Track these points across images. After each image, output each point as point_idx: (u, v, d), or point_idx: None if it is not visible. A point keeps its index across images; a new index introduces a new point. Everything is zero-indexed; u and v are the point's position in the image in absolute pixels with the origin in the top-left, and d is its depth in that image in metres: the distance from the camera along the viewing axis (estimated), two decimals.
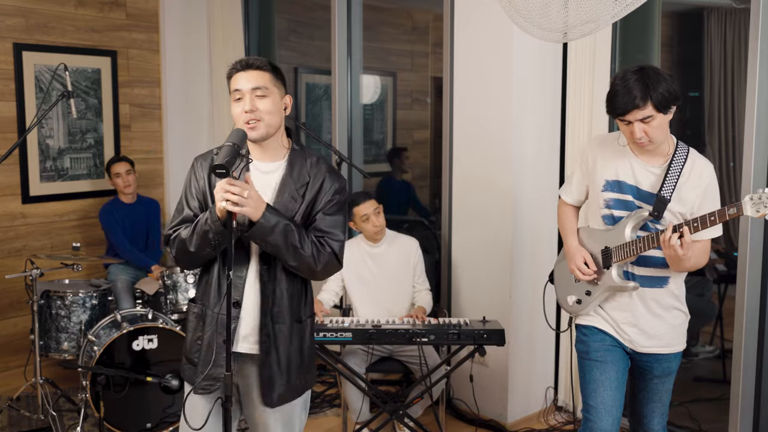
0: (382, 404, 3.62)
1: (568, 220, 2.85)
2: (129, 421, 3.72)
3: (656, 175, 2.57)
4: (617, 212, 2.63)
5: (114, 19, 5.28)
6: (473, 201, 4.07)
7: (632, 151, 2.61)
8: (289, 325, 2.34)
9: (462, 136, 4.09)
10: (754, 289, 3.40)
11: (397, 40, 6.41)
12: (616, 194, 2.62)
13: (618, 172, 2.62)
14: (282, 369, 2.33)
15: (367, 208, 3.78)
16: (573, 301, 2.78)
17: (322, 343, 3.41)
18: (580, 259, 2.70)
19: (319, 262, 2.28)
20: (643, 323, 2.63)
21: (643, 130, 2.45)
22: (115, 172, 4.80)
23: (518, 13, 2.88)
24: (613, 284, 2.63)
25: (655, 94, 2.40)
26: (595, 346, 2.69)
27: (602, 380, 2.65)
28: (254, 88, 2.25)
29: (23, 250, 4.93)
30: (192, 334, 2.39)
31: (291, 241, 2.21)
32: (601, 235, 2.67)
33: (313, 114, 6.00)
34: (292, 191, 2.31)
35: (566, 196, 2.88)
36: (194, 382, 2.35)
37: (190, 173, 2.39)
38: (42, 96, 4.91)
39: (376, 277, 3.84)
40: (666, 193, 2.51)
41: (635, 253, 2.54)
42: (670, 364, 2.68)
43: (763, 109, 3.29)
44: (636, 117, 2.43)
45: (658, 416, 2.74)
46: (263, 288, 2.30)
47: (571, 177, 2.87)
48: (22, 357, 4.65)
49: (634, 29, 3.93)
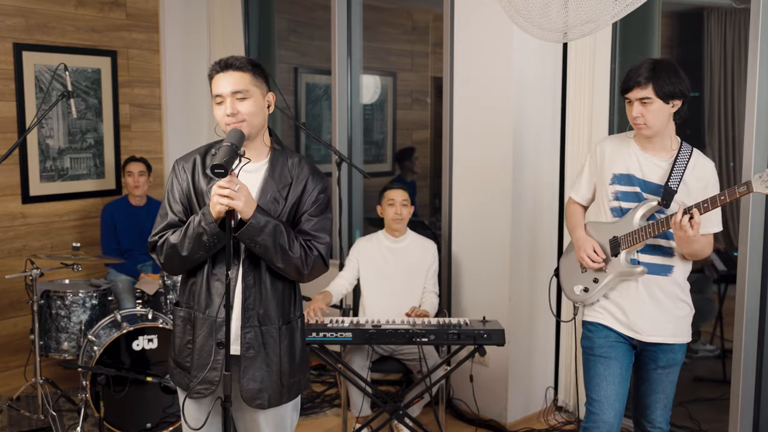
0: (382, 404, 3.62)
1: (575, 215, 2.94)
2: (129, 421, 3.72)
3: (663, 169, 2.67)
4: (625, 204, 2.72)
5: (114, 19, 5.28)
6: (473, 201, 4.07)
7: (639, 146, 2.72)
8: (278, 327, 2.32)
9: (462, 136, 4.09)
10: (754, 289, 3.40)
11: (397, 40, 6.41)
12: (624, 187, 2.72)
13: (627, 166, 2.72)
14: (272, 371, 2.31)
15: (396, 195, 3.85)
16: (580, 290, 2.83)
17: (322, 343, 3.42)
18: (589, 246, 2.77)
19: (307, 265, 2.27)
20: (648, 311, 2.69)
21: (641, 111, 2.58)
22: (127, 171, 4.81)
23: (518, 13, 2.88)
24: (621, 269, 2.70)
25: (659, 80, 2.54)
26: (600, 342, 2.76)
27: (605, 375, 2.72)
28: (234, 91, 2.23)
29: (23, 250, 4.93)
30: (181, 339, 2.37)
31: (280, 243, 2.20)
32: (609, 227, 2.76)
33: (313, 114, 6.00)
34: (275, 192, 2.30)
35: (575, 195, 2.96)
36: (187, 386, 2.33)
37: (172, 177, 2.36)
38: (42, 96, 4.91)
39: (393, 271, 3.87)
40: (673, 184, 2.62)
41: (643, 238, 2.63)
42: (674, 356, 2.73)
43: (763, 109, 3.29)
44: (636, 96, 2.57)
45: (660, 409, 2.77)
46: (248, 290, 2.28)
47: (580, 176, 2.94)
48: (22, 357, 4.65)
49: (634, 29, 3.93)
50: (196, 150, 2.40)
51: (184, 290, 2.38)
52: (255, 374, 2.29)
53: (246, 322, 2.28)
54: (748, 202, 3.33)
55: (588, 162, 2.90)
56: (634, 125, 2.65)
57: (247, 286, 2.28)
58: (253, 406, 2.31)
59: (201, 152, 2.37)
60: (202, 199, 2.29)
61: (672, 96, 2.56)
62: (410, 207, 3.90)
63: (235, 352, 2.30)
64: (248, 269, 2.28)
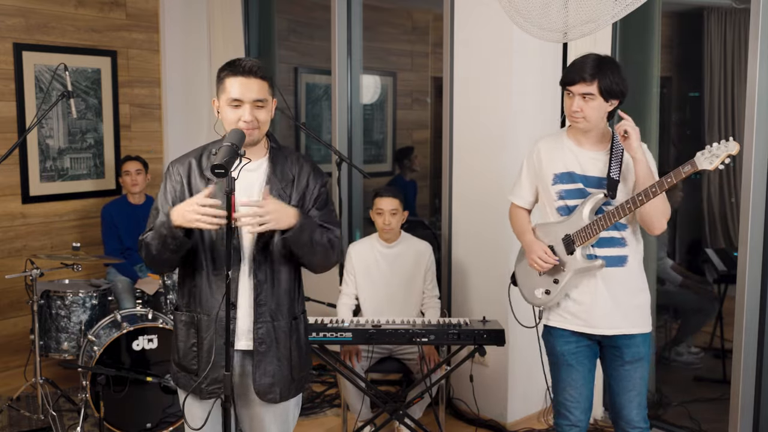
0: (382, 404, 3.62)
1: (520, 220, 2.96)
2: (129, 421, 3.72)
3: (601, 161, 2.70)
4: (571, 201, 2.74)
5: (114, 19, 5.28)
6: (473, 201, 4.07)
7: (574, 141, 2.75)
8: (288, 322, 2.36)
9: (462, 136, 4.09)
10: (754, 289, 3.40)
11: (397, 40, 6.42)
12: (567, 185, 2.74)
13: (565, 164, 2.74)
14: (283, 365, 2.34)
15: (384, 204, 3.78)
16: (541, 293, 2.84)
17: (322, 343, 3.41)
18: (540, 249, 2.79)
19: (334, 253, 2.36)
20: (606, 305, 2.71)
21: (581, 106, 2.61)
22: (124, 170, 4.80)
23: (518, 13, 2.88)
24: (579, 266, 2.71)
25: (604, 78, 2.57)
26: (561, 350, 2.82)
27: (568, 381, 2.82)
28: (256, 100, 2.25)
29: (23, 250, 4.93)
30: (185, 343, 2.37)
31: (317, 239, 2.28)
32: (559, 227, 2.77)
33: (313, 114, 6.00)
34: (279, 190, 2.33)
35: (517, 200, 2.97)
36: (197, 389, 2.33)
37: (165, 179, 2.39)
38: (42, 96, 4.91)
39: (388, 279, 3.83)
40: (614, 174, 2.65)
41: (596, 232, 2.65)
42: (638, 349, 2.73)
43: (763, 109, 3.29)
44: (579, 90, 2.60)
45: (636, 407, 2.77)
46: (259, 286, 2.30)
47: (518, 180, 2.94)
48: (22, 357, 4.65)
49: (634, 29, 3.93)
50: (191, 152, 2.41)
51: (184, 293, 2.39)
52: (267, 369, 2.32)
53: (258, 317, 2.30)
54: (747, 202, 3.33)
55: (525, 165, 2.90)
56: (570, 118, 2.67)
57: (259, 282, 2.30)
58: (265, 400, 2.34)
59: (196, 155, 2.38)
60: None
61: (614, 95, 2.60)
62: (402, 213, 3.82)
63: (243, 347, 2.33)
64: (258, 265, 2.30)
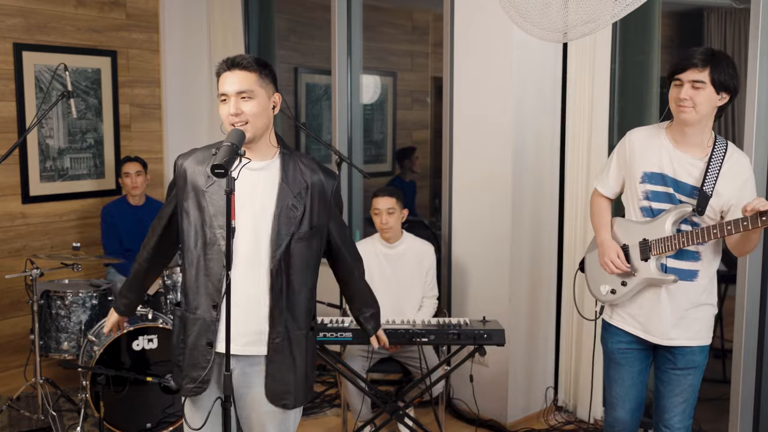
0: (382, 404, 3.61)
1: (601, 212, 2.84)
2: (129, 421, 3.72)
3: (698, 168, 2.57)
4: (656, 204, 2.63)
5: (114, 19, 5.28)
6: (473, 201, 4.07)
7: (671, 140, 2.61)
8: (305, 332, 2.37)
9: (462, 136, 4.09)
10: (754, 289, 3.40)
11: (397, 40, 6.41)
12: (656, 186, 2.63)
13: (659, 164, 2.62)
14: (299, 373, 2.35)
15: (380, 204, 3.79)
16: (607, 290, 2.78)
17: (322, 343, 3.41)
18: (614, 252, 2.70)
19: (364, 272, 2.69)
20: (667, 316, 2.64)
21: (690, 94, 2.47)
22: (124, 172, 4.80)
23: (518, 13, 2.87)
24: (651, 276, 2.63)
25: (717, 67, 2.45)
26: (613, 347, 2.80)
27: (616, 378, 2.80)
28: (239, 91, 2.24)
29: (23, 250, 4.93)
30: (176, 338, 2.40)
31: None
32: (639, 228, 2.67)
33: (313, 114, 6.00)
34: (291, 199, 2.30)
35: (602, 188, 2.85)
36: (179, 384, 2.37)
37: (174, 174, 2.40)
38: (42, 96, 4.91)
39: (389, 280, 3.82)
40: (708, 188, 2.53)
41: (677, 247, 2.56)
42: (693, 357, 2.68)
43: (763, 109, 3.29)
44: (689, 77, 2.47)
45: (679, 413, 2.71)
46: (277, 295, 2.29)
47: (607, 168, 2.83)
48: (22, 357, 4.65)
49: (634, 29, 3.93)
50: (199, 148, 2.41)
51: (180, 291, 2.42)
52: (283, 376, 2.32)
53: (275, 326, 2.30)
54: None
55: (616, 154, 2.78)
56: (678, 108, 2.52)
57: (277, 292, 2.29)
58: (278, 405, 2.33)
59: (203, 151, 2.38)
60: (202, 196, 2.30)
61: (725, 87, 2.48)
62: (400, 212, 3.82)
63: (250, 352, 2.31)
64: (277, 275, 2.28)
